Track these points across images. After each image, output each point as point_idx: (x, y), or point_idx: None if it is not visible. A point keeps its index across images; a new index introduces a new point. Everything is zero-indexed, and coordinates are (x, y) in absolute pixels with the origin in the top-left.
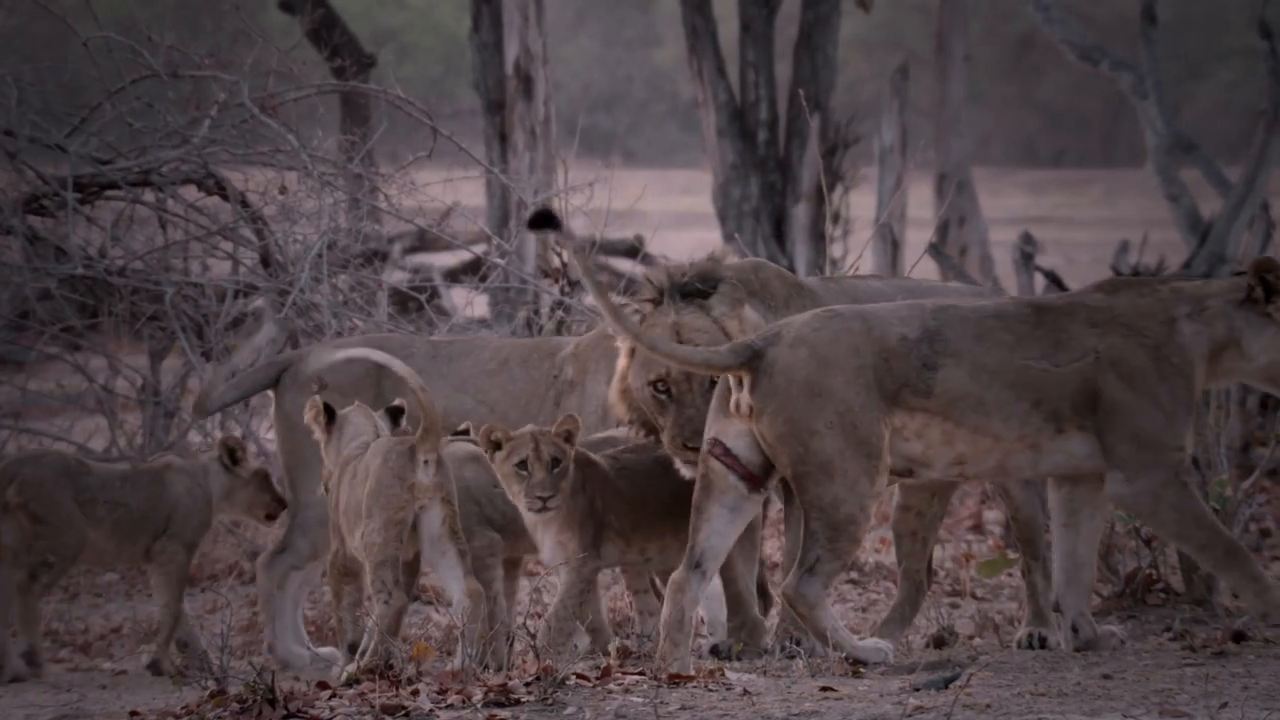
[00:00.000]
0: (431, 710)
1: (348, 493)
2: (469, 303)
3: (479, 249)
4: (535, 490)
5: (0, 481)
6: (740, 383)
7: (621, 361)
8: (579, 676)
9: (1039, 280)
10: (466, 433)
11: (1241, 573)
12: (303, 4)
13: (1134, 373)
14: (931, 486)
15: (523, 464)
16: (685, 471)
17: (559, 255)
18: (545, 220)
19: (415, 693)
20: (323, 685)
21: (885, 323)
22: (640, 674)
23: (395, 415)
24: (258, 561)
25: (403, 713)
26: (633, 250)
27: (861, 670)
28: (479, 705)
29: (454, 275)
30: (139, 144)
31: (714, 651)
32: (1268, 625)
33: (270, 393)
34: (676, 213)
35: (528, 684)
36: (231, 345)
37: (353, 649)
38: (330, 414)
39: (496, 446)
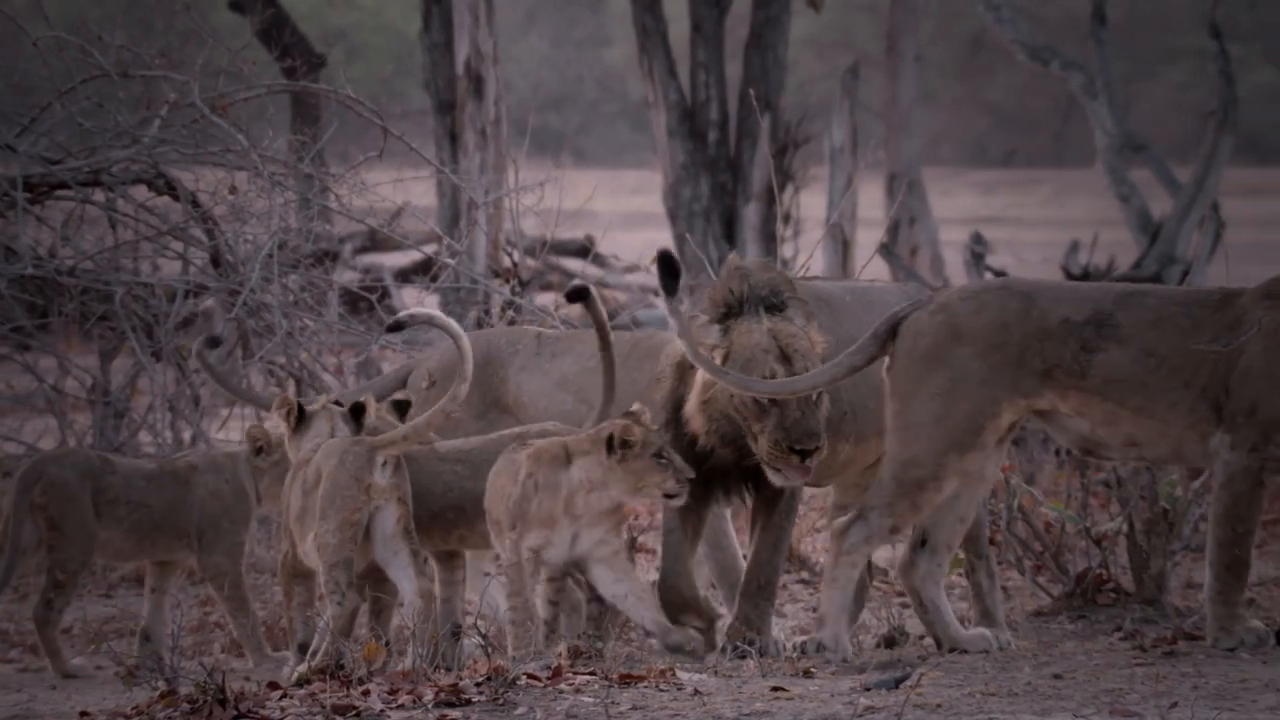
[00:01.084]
0: (382, 710)
1: (300, 496)
2: (420, 303)
3: (430, 249)
4: (684, 474)
5: (26, 480)
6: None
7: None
8: (530, 676)
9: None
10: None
11: (1227, 591)
12: (253, 4)
13: (1276, 349)
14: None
15: (658, 454)
16: (776, 480)
17: (510, 255)
18: (668, 265)
19: (366, 693)
20: (273, 685)
21: (1053, 302)
22: (591, 674)
23: (357, 415)
24: None
25: (354, 713)
26: (583, 250)
27: (812, 670)
28: (430, 705)
29: (405, 275)
30: (89, 144)
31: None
32: (1216, 646)
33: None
34: (627, 213)
35: (479, 684)
36: (181, 345)
37: (303, 649)
38: (300, 412)
39: (625, 446)
